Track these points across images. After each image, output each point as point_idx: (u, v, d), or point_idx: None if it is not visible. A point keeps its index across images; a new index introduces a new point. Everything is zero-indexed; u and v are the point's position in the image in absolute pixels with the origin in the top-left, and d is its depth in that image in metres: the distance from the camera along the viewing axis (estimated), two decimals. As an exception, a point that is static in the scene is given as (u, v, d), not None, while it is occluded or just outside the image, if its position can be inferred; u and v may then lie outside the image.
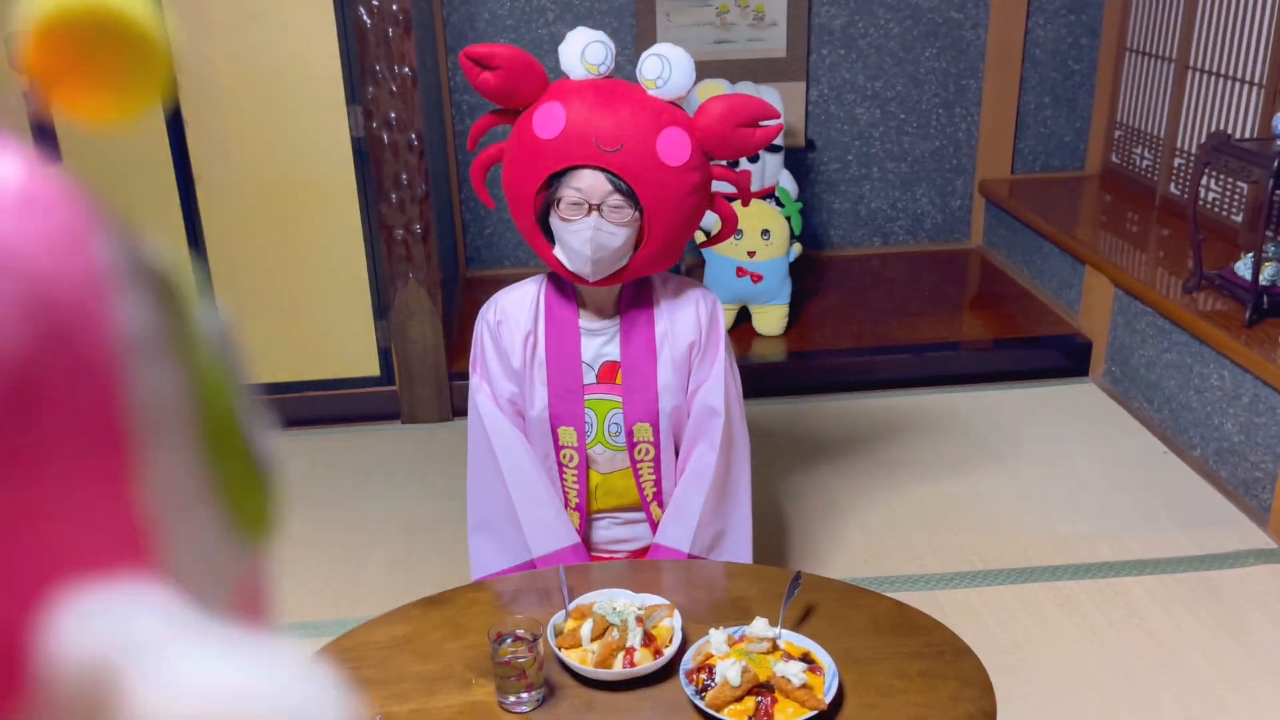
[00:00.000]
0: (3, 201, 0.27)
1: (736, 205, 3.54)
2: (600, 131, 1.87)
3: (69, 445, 0.27)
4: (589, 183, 1.88)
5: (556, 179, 1.92)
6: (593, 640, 1.65)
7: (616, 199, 1.89)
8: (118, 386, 0.28)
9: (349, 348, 3.45)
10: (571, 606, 1.73)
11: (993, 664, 1.71)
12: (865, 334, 3.76)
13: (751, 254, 3.60)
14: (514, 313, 2.05)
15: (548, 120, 1.90)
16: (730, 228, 2.12)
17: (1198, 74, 3.75)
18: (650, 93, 1.92)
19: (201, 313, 0.32)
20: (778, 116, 1.98)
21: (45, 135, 3.06)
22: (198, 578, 0.29)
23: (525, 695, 1.58)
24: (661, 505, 2.12)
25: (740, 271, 3.62)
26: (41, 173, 0.29)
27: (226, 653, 0.26)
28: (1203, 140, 3.34)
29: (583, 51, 1.93)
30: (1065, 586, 2.56)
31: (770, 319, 3.72)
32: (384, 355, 3.47)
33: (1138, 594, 2.53)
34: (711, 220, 3.42)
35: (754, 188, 3.78)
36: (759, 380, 3.54)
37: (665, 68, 1.91)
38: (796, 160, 4.34)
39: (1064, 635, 2.40)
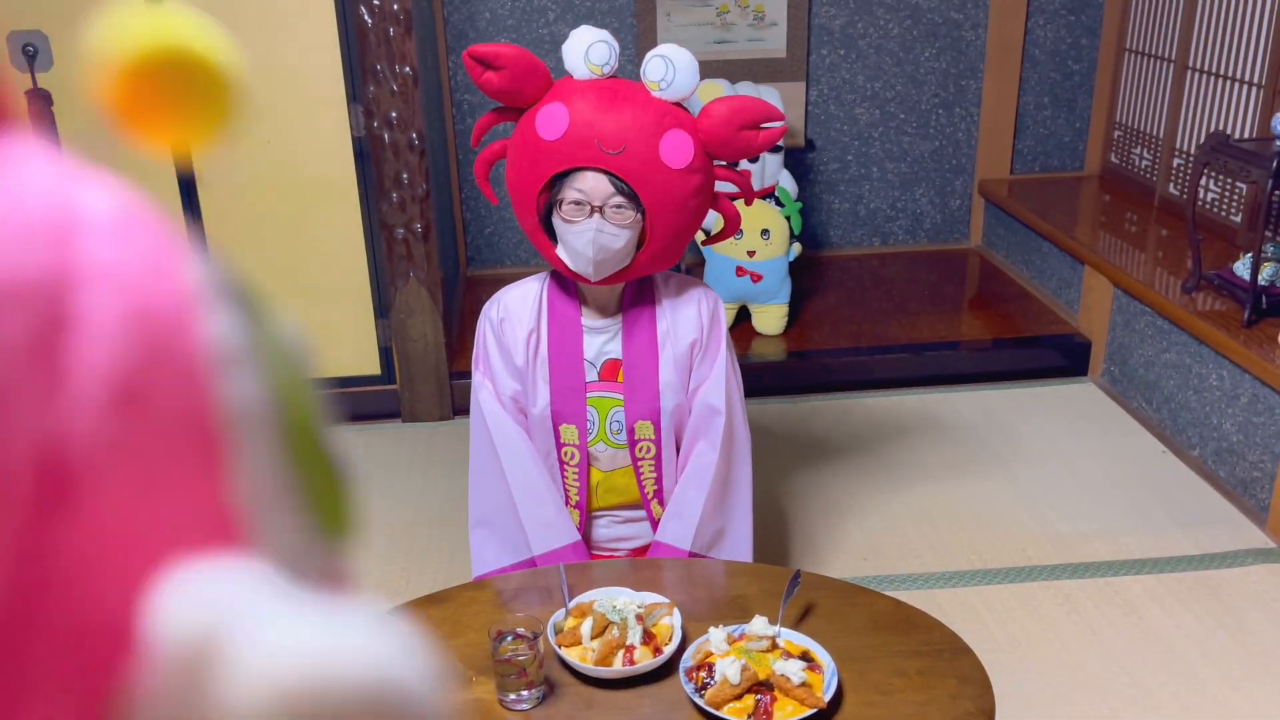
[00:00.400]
0: (98, 226, 0.30)
1: (737, 205, 3.54)
2: (603, 134, 1.87)
3: (169, 443, 0.29)
4: (591, 185, 1.89)
5: (559, 180, 1.92)
6: (593, 638, 1.65)
7: (619, 200, 1.89)
8: (210, 391, 0.30)
9: (349, 346, 3.46)
10: (571, 605, 1.74)
11: (991, 663, 1.72)
12: (865, 334, 3.77)
13: (751, 253, 3.60)
14: (517, 310, 2.06)
15: (551, 121, 1.90)
16: (733, 227, 2.12)
17: (1197, 74, 3.75)
18: (654, 94, 1.92)
19: (277, 324, 0.34)
20: (782, 119, 1.98)
21: (47, 133, 3.06)
22: (286, 569, 0.31)
23: (525, 693, 1.59)
24: (662, 503, 2.13)
25: (740, 271, 3.63)
26: (129, 199, 0.31)
27: (320, 616, 0.27)
28: (1202, 140, 3.34)
29: (586, 52, 1.93)
30: (1064, 585, 2.57)
31: (770, 318, 3.72)
32: (384, 354, 3.48)
33: (1136, 593, 2.54)
34: (713, 219, 3.42)
35: (754, 187, 3.78)
36: (758, 379, 3.55)
37: (669, 70, 1.91)
38: (796, 160, 4.35)
39: (1063, 634, 2.40)
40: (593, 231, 1.89)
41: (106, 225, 0.30)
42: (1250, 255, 3.02)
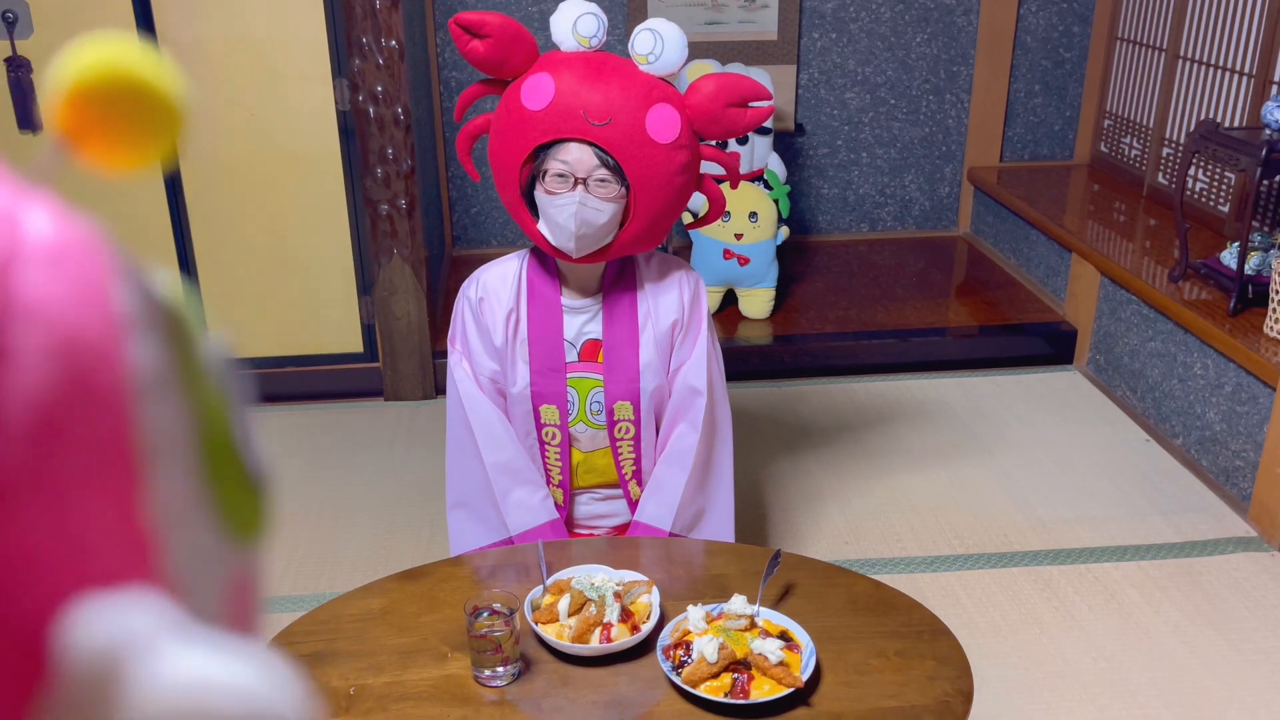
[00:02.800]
0: (36, 256, 0.31)
1: (725, 187, 3.53)
2: (589, 105, 1.85)
3: (86, 471, 0.31)
4: (576, 156, 1.87)
5: (543, 151, 1.90)
6: (570, 615, 1.64)
7: (603, 174, 1.87)
8: (130, 420, 0.32)
9: (332, 323, 3.43)
10: (550, 582, 1.72)
11: (971, 647, 1.71)
12: (851, 319, 3.75)
13: (739, 236, 3.59)
14: (496, 289, 2.03)
15: (536, 91, 1.88)
16: (718, 209, 2.10)
17: (1188, 64, 3.74)
18: (641, 68, 1.90)
19: (202, 339, 0.36)
20: (770, 97, 1.96)
21: (27, 110, 3.02)
22: (194, 577, 0.34)
23: (501, 669, 1.57)
24: (640, 484, 2.11)
25: (727, 254, 3.61)
26: (70, 225, 0.32)
27: (211, 651, 0.31)
28: (1191, 130, 3.33)
29: (574, 23, 1.90)
30: (1045, 571, 2.57)
31: (756, 302, 3.71)
32: (367, 331, 3.45)
33: (1117, 579, 2.54)
34: (699, 202, 3.40)
35: (742, 170, 3.76)
36: (743, 363, 3.53)
37: (658, 43, 1.89)
38: (785, 144, 4.33)
39: (1043, 619, 2.40)
40: (575, 204, 1.87)
41: (42, 255, 0.31)
42: (1237, 244, 3.01)
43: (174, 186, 3.21)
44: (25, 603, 0.30)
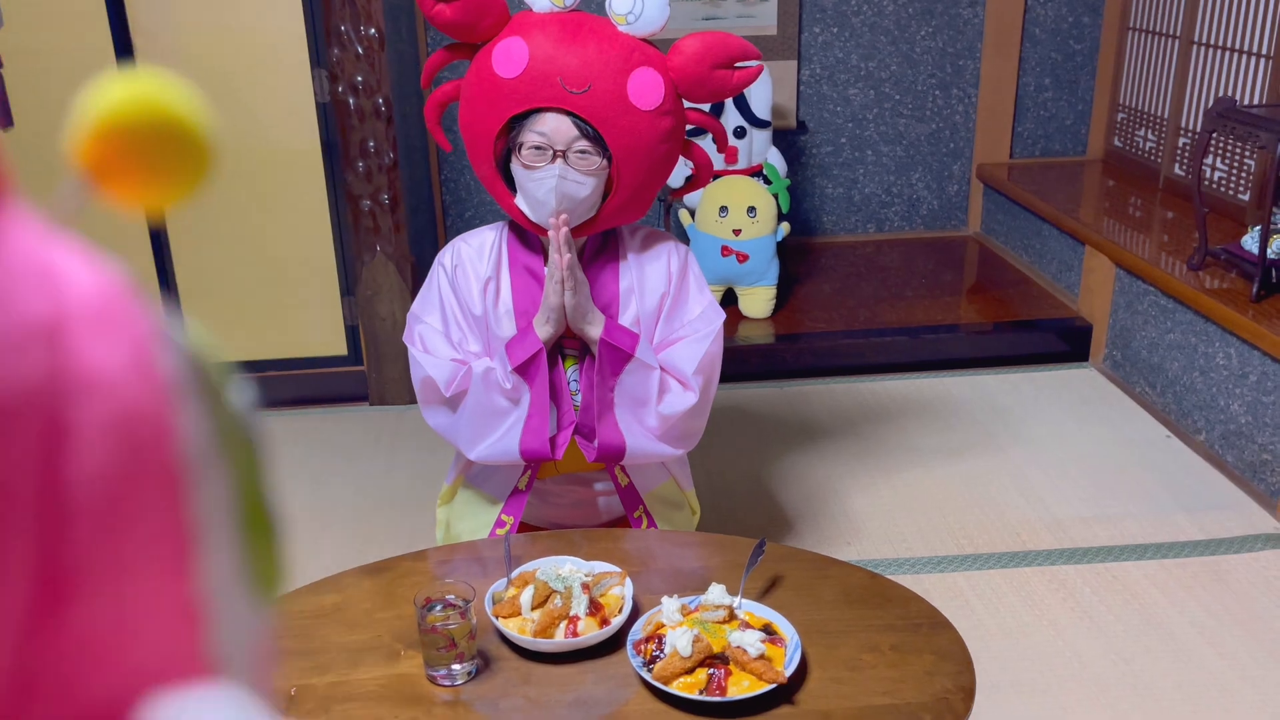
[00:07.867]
0: (88, 321, 0.29)
1: (725, 182, 3.40)
2: (565, 71, 1.72)
3: (146, 552, 0.30)
4: (553, 127, 1.74)
5: (518, 122, 1.77)
6: (533, 608, 1.50)
7: (583, 145, 1.75)
8: (185, 494, 0.31)
9: (314, 325, 3.30)
10: (514, 574, 1.58)
11: (980, 650, 1.56)
12: (857, 317, 3.61)
13: (737, 232, 3.45)
14: (472, 259, 1.90)
15: (508, 57, 1.76)
16: (705, 176, 1.97)
17: (1203, 49, 3.60)
18: (620, 29, 1.78)
19: (233, 396, 0.34)
20: (758, 56, 1.84)
21: (-2, 100, 2.93)
22: (232, 643, 0.33)
23: (456, 667, 1.43)
24: (625, 469, 1.97)
25: (725, 251, 3.48)
26: (108, 277, 0.30)
27: None
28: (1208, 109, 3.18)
29: None
30: (1059, 571, 2.41)
31: (757, 301, 3.57)
32: (351, 333, 3.33)
33: (1138, 579, 2.37)
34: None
35: (741, 164, 3.63)
36: (743, 363, 3.40)
37: (637, 2, 1.77)
38: (787, 142, 4.20)
39: (1058, 621, 2.24)
40: (555, 179, 1.74)
41: (91, 317, 0.30)
42: (1259, 228, 2.86)
43: (163, 266, 3.10)
44: (91, 693, 0.29)
